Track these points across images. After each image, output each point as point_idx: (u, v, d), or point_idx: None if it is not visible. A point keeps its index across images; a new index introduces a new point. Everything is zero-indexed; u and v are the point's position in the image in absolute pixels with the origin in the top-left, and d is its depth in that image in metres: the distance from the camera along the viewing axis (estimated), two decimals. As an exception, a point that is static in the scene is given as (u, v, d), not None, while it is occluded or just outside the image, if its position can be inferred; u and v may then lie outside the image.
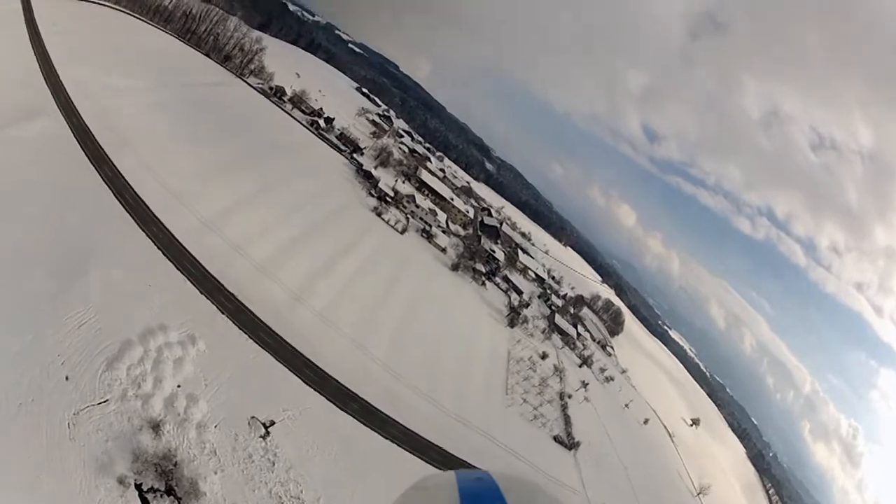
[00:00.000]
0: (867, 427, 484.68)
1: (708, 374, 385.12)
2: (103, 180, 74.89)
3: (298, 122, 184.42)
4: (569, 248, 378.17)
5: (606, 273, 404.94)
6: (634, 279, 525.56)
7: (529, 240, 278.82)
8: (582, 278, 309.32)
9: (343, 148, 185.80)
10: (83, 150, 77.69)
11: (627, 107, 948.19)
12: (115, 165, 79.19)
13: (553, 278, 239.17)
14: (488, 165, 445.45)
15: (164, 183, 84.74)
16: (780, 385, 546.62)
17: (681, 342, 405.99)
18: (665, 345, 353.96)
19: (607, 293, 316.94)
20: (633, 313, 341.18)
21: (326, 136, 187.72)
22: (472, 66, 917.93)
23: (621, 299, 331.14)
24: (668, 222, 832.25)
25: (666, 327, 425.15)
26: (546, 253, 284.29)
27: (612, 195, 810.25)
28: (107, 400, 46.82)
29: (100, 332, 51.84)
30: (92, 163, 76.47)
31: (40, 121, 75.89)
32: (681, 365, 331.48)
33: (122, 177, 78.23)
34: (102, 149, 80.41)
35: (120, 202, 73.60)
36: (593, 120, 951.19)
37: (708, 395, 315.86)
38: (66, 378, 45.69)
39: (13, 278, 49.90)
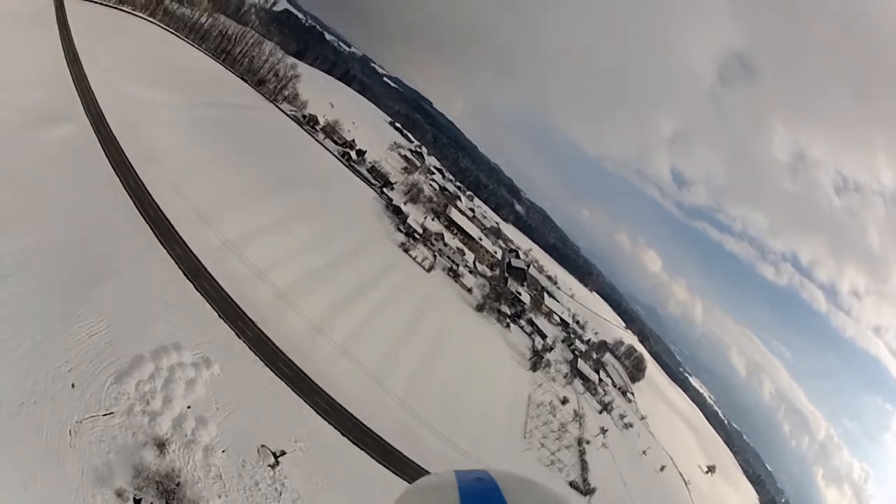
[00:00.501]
0: (878, 470, 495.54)
1: (726, 421, 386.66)
2: (127, 192, 75.45)
3: (330, 152, 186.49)
4: (594, 293, 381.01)
5: (630, 319, 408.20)
6: (657, 325, 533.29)
7: (556, 283, 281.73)
8: (606, 323, 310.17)
9: (373, 181, 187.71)
10: (108, 159, 78.52)
11: (657, 150, 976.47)
12: (139, 178, 79.90)
13: (577, 323, 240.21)
14: (518, 207, 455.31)
15: (189, 201, 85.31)
16: (796, 431, 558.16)
17: (701, 389, 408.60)
18: (685, 392, 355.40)
19: (630, 339, 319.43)
20: (655, 360, 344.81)
21: (357, 168, 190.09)
22: (506, 106, 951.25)
23: (644, 346, 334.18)
24: (693, 268, 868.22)
25: (687, 374, 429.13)
26: (571, 297, 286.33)
27: (639, 240, 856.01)
28: (112, 412, 46.14)
29: (111, 344, 51.41)
30: (116, 173, 77.20)
31: (66, 125, 76.87)
32: (699, 412, 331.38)
33: (146, 190, 78.81)
34: (128, 160, 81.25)
35: (142, 216, 73.95)
36: (623, 163, 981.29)
37: (725, 442, 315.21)
38: (73, 386, 45.16)
39: (26, 279, 49.99)
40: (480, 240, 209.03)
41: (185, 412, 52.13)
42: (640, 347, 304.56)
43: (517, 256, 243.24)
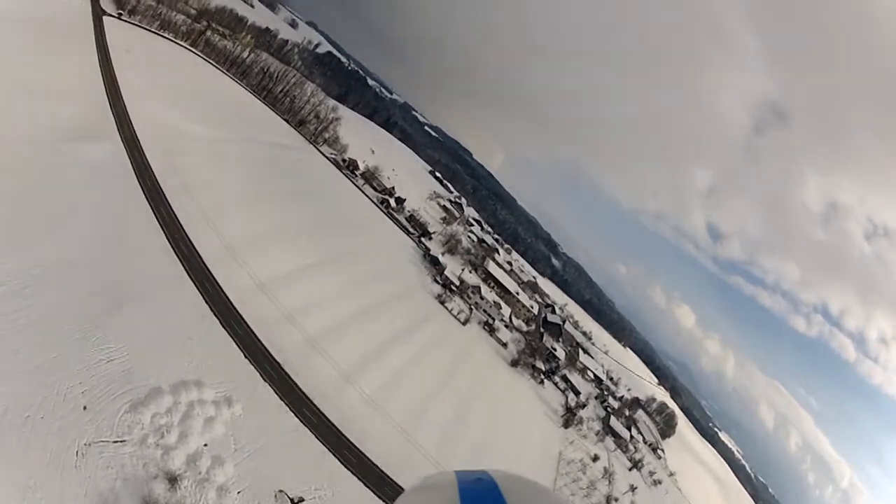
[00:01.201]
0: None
1: (753, 475, 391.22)
2: (158, 221, 76.42)
3: (369, 198, 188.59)
4: (628, 349, 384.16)
5: (663, 375, 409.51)
6: (689, 381, 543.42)
7: (590, 339, 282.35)
8: (639, 380, 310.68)
9: (412, 230, 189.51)
10: (141, 185, 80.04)
11: (693, 205, 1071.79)
12: (172, 208, 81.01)
13: (611, 379, 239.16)
14: (555, 261, 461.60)
15: (222, 237, 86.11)
16: (821, 481, 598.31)
17: (729, 444, 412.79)
18: (714, 447, 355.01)
19: (662, 395, 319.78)
20: (686, 416, 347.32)
21: (396, 216, 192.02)
22: (545, 160, 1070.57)
23: (675, 402, 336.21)
24: (727, 323, 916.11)
25: (716, 429, 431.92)
26: (606, 353, 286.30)
27: (674, 295, 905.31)
28: (124, 441, 45.48)
29: (129, 372, 51.10)
30: (148, 201, 78.39)
31: (100, 146, 78.71)
32: (728, 467, 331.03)
33: (178, 221, 79.77)
34: (161, 189, 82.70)
35: (172, 247, 74.51)
36: (659, 218, 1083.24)
37: (751, 496, 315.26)
38: (84, 408, 44.72)
39: (46, 294, 50.19)
40: (517, 294, 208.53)
41: (201, 449, 51.26)
42: (671, 403, 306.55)
43: (553, 311, 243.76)
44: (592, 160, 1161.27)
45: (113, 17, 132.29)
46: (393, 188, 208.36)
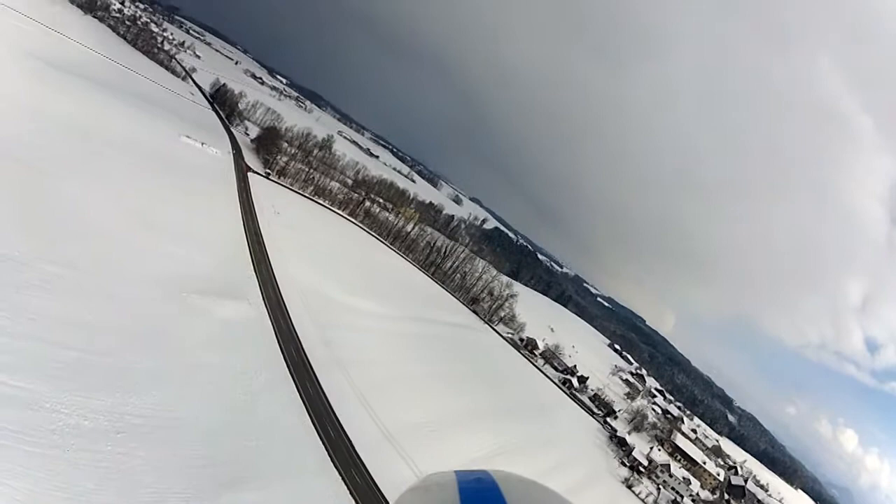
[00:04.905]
0: None
1: None
2: (300, 396, 73.16)
3: (550, 378, 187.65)
4: (799, 490, 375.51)
5: None
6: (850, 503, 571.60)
7: (767, 491, 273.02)
8: None
9: (596, 411, 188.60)
10: (283, 353, 78.43)
11: (850, 323, 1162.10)
12: (320, 384, 77.89)
13: None
14: (730, 417, 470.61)
15: (380, 421, 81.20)
16: None
17: None
18: None
19: None
20: None
21: (579, 396, 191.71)
22: (711, 313, 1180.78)
23: None
24: (884, 434, 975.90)
25: None
26: (780, 502, 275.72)
27: (838, 422, 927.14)
28: None
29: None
30: (290, 372, 76.04)
31: (237, 305, 79.39)
32: None
33: (327, 399, 76.26)
34: (309, 361, 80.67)
35: (315, 427, 70.17)
36: (822, 348, 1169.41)
37: None
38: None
39: (145, 448, 47.29)
40: (704, 463, 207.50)
41: None
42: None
43: (736, 473, 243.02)
44: (752, 304, 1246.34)
45: (260, 175, 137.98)
46: (574, 367, 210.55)
